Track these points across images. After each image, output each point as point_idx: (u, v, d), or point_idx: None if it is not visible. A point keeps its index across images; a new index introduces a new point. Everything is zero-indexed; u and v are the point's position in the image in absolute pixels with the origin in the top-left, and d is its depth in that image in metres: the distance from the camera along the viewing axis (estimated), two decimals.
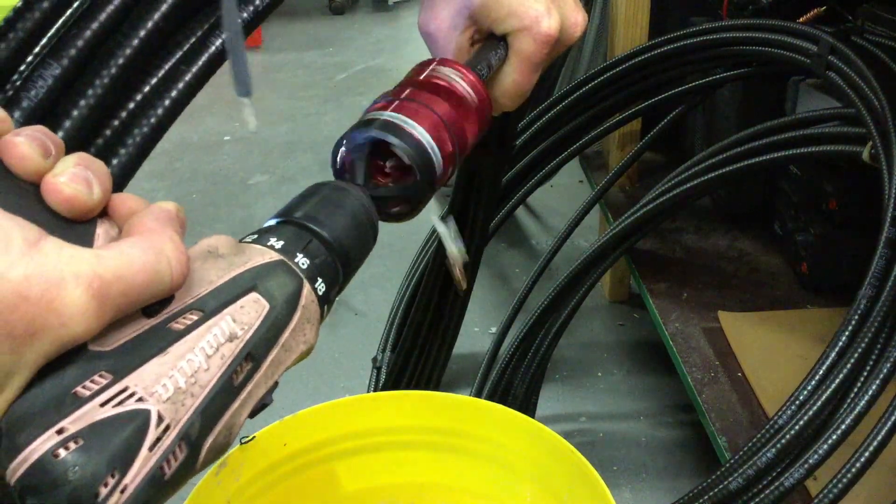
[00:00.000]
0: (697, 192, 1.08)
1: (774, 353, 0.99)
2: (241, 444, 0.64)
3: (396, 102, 0.42)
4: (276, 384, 0.31)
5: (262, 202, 2.12)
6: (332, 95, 2.87)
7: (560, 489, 0.63)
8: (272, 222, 0.34)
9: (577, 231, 1.25)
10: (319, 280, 0.33)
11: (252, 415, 0.30)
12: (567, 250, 1.29)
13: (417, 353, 1.01)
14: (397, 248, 1.62)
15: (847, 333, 0.69)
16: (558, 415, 1.32)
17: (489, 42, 0.48)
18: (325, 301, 0.33)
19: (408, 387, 1.04)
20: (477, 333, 1.53)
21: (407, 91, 0.43)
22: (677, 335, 1.06)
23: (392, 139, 0.40)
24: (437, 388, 1.06)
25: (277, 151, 2.41)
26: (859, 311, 0.70)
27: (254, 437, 0.64)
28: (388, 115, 0.41)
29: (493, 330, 1.49)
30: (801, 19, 1.06)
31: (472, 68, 0.46)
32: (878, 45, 0.94)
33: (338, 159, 0.41)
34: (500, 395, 1.17)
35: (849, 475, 0.65)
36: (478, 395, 1.18)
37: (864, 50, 0.91)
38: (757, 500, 0.68)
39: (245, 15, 0.43)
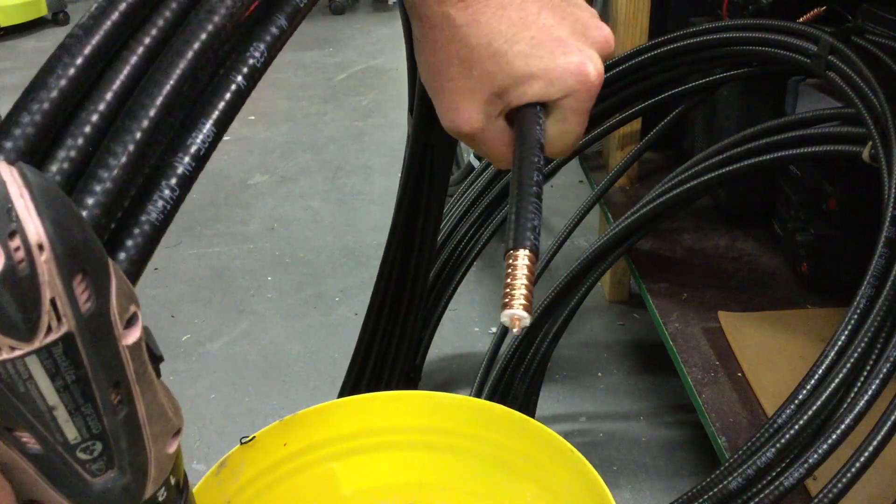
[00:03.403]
0: (697, 192, 1.08)
1: (774, 353, 0.99)
2: (241, 444, 0.64)
3: None
4: None
5: (262, 202, 2.12)
6: (332, 95, 2.87)
7: (560, 489, 0.63)
8: None
9: (577, 231, 1.25)
10: None
11: None
12: (567, 250, 1.29)
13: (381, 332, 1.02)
14: None
15: (847, 333, 0.69)
16: (558, 415, 1.32)
17: (527, 112, 0.42)
18: None
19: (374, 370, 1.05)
20: (477, 333, 1.53)
21: None
22: (677, 335, 1.06)
23: None
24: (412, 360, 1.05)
25: (277, 151, 2.41)
26: (859, 311, 0.70)
27: (254, 437, 0.64)
28: None
29: (493, 330, 1.49)
30: (801, 19, 1.06)
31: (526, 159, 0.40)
32: (878, 45, 0.94)
33: None
34: (500, 395, 1.17)
35: (849, 475, 0.65)
36: (478, 395, 1.18)
37: (864, 50, 0.91)
38: (756, 499, 0.68)
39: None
